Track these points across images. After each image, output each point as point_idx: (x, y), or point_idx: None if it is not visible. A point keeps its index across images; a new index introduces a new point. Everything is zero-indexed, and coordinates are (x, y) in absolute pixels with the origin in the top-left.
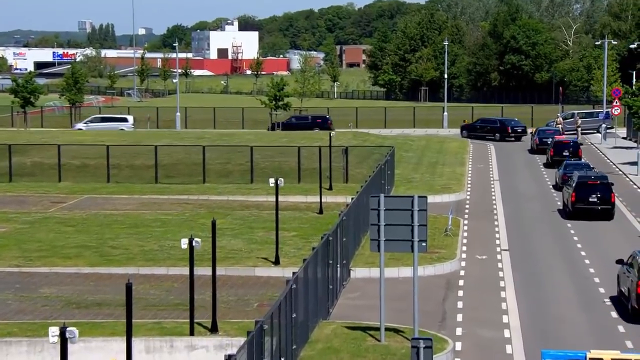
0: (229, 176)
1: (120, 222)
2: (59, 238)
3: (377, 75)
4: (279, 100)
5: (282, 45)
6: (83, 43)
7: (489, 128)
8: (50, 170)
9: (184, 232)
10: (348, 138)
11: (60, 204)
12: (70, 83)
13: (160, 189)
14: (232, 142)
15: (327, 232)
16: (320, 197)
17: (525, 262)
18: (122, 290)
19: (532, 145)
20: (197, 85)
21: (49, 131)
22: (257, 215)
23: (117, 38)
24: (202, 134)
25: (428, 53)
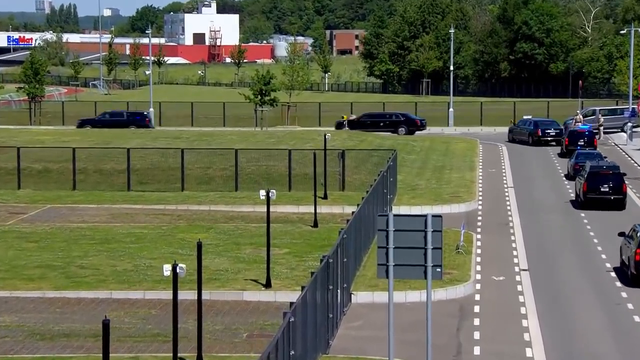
0: (210, 183)
1: (89, 237)
2: (20, 256)
3: (373, 65)
4: (265, 95)
5: (265, 29)
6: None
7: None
8: (7, 176)
9: (162, 248)
10: (342, 139)
11: (19, 215)
12: (30, 74)
13: (133, 197)
14: (213, 142)
15: (327, 253)
16: (315, 208)
17: (548, 283)
18: (94, 318)
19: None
20: (170, 75)
21: (5, 129)
22: (244, 229)
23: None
24: (179, 134)
25: (430, 40)
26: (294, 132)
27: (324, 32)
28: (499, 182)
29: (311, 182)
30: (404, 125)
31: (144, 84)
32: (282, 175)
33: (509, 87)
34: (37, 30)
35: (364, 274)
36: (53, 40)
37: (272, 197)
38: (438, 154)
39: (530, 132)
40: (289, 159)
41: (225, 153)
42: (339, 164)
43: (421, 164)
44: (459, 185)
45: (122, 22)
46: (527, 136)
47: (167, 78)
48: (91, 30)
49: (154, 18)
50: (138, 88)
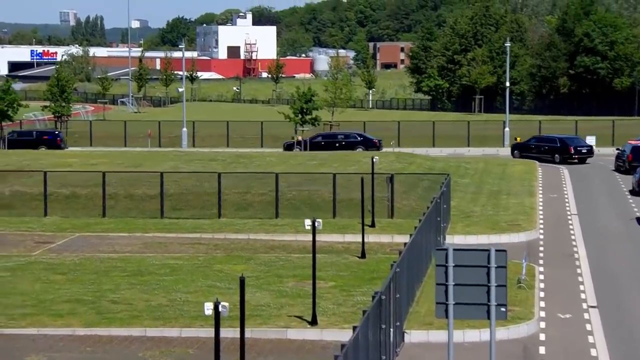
0: (248, 209)
1: (121, 269)
2: (48, 290)
3: (420, 80)
4: (306, 114)
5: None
6: (66, 39)
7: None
8: (33, 202)
9: (199, 281)
10: (390, 161)
11: (46, 245)
12: (55, 92)
13: (167, 225)
14: (250, 165)
15: (378, 289)
16: (363, 237)
17: (620, 321)
18: (127, 358)
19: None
20: (203, 91)
21: (30, 152)
22: (286, 260)
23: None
24: (215, 155)
25: (483, 54)
26: (337, 153)
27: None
28: (561, 208)
29: (357, 209)
30: (361, 146)
31: (176, 101)
32: (326, 201)
33: (569, 104)
34: (62, 43)
35: (417, 311)
36: (79, 54)
37: (318, 227)
38: (493, 178)
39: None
40: (333, 183)
41: (265, 177)
42: (388, 189)
43: (475, 188)
44: (517, 212)
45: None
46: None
47: (200, 94)
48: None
49: (186, 30)
50: (169, 105)
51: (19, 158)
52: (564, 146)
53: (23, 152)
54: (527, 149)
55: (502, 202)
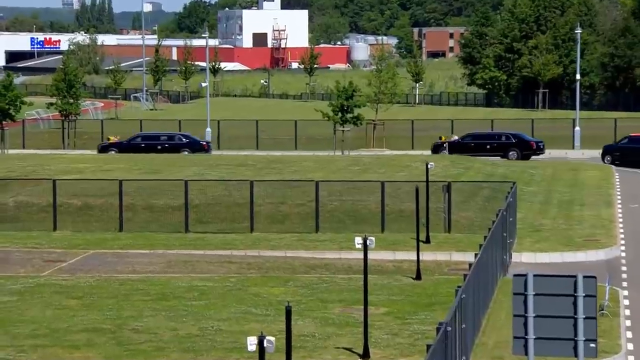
0: (284, 222)
1: (143, 292)
2: (61, 317)
3: (474, 71)
4: (347, 112)
5: (340, 27)
6: (71, 25)
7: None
8: (40, 214)
9: (232, 306)
10: (444, 166)
11: (57, 264)
12: (62, 87)
13: (193, 240)
14: (285, 171)
15: (444, 319)
16: (418, 255)
17: None
18: None
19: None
20: (227, 85)
21: (34, 155)
22: (330, 281)
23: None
24: (244, 160)
25: (546, 41)
26: (383, 157)
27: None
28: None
29: (408, 222)
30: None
31: (196, 96)
32: (372, 213)
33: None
34: (66, 30)
35: (484, 342)
36: (85, 42)
37: (370, 245)
38: (564, 185)
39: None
40: (381, 192)
41: (303, 185)
42: (444, 199)
43: (544, 197)
44: (594, 225)
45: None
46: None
47: (224, 88)
48: (129, 30)
49: (205, 15)
50: (189, 102)
51: (23, 163)
52: (523, 141)
53: (26, 156)
54: (464, 148)
55: (575, 213)
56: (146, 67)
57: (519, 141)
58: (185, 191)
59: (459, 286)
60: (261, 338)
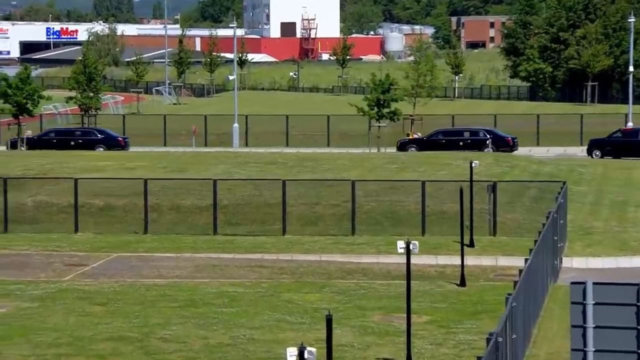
0: (318, 224)
1: (170, 298)
2: (84, 324)
3: (518, 63)
4: (384, 107)
5: (373, 16)
6: (88, 14)
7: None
8: (61, 215)
9: (264, 314)
10: (487, 164)
11: (79, 268)
12: (82, 80)
13: (222, 243)
14: (317, 169)
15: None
16: (462, 260)
17: None
18: None
19: None
20: (254, 77)
21: (54, 153)
22: (368, 287)
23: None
24: (274, 157)
25: (596, 31)
26: (422, 154)
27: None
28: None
29: (450, 224)
30: (102, 145)
31: (221, 89)
32: (412, 214)
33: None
34: (83, 19)
35: (535, 354)
36: (104, 33)
37: (413, 250)
38: (616, 185)
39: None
40: (422, 192)
41: (337, 184)
42: (489, 200)
43: (594, 198)
44: None
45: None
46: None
47: (250, 81)
48: (150, 20)
49: (230, 3)
50: (214, 95)
51: (41, 161)
52: (498, 138)
53: (46, 153)
54: (434, 144)
55: (629, 215)
56: (169, 59)
57: (495, 137)
58: (213, 191)
59: (509, 294)
60: (302, 349)
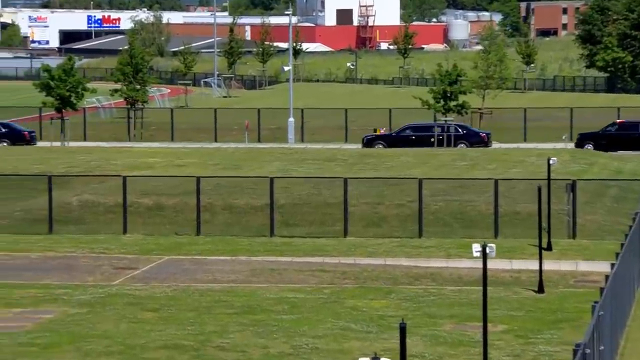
0: (382, 225)
1: (226, 304)
2: (136, 331)
3: (594, 52)
4: (451, 99)
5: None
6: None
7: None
8: (108, 215)
9: (327, 321)
10: (564, 161)
11: (129, 272)
12: (128, 72)
13: (279, 245)
14: (380, 167)
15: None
16: (540, 265)
17: None
18: None
19: None
20: (308, 67)
21: (98, 148)
22: (437, 294)
23: None
24: (333, 154)
25: None
26: (492, 150)
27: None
28: None
29: (524, 226)
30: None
31: (273, 81)
32: (483, 215)
33: None
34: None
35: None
36: (149, 21)
37: (490, 254)
38: None
39: None
40: (494, 192)
41: (402, 182)
42: (567, 200)
43: None
44: None
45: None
46: None
47: (304, 72)
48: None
49: None
50: (267, 87)
51: (86, 157)
52: (472, 133)
53: (89, 149)
54: (403, 141)
55: None
56: (218, 49)
57: (468, 133)
58: (270, 189)
59: (595, 302)
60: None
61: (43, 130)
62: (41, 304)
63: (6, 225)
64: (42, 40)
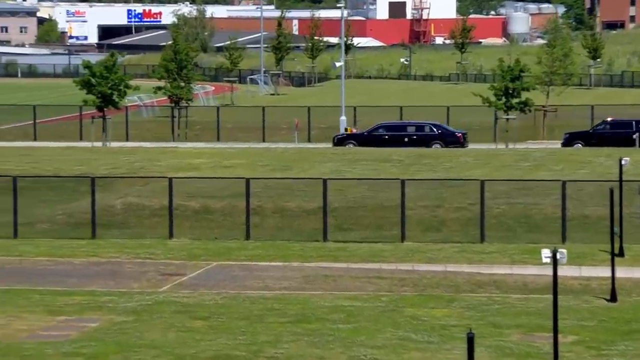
0: (441, 229)
1: (279, 312)
2: (186, 341)
3: None
4: (513, 96)
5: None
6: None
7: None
8: (153, 218)
9: (386, 331)
10: (635, 161)
11: (176, 278)
12: (172, 68)
13: (333, 251)
14: (438, 167)
15: None
16: (613, 272)
17: None
18: None
19: None
20: (359, 63)
21: (140, 148)
22: (502, 302)
23: None
24: (387, 154)
25: None
26: (558, 151)
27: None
28: None
29: (594, 230)
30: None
31: (323, 77)
32: (549, 219)
33: None
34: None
35: None
36: (192, 15)
37: (561, 260)
38: None
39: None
40: (562, 194)
41: (461, 184)
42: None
43: None
44: None
45: None
46: None
47: (356, 68)
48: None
49: None
50: (316, 84)
51: (129, 158)
52: (447, 133)
53: (132, 149)
54: (376, 140)
55: None
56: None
57: (443, 133)
58: (323, 192)
59: None
60: None
61: (83, 129)
62: (86, 311)
63: (48, 230)
64: (80, 36)
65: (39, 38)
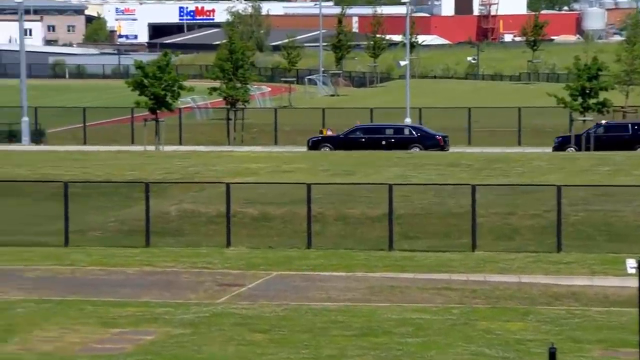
0: (514, 237)
1: (343, 325)
2: (246, 355)
3: None
4: (590, 97)
5: None
6: None
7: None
8: (210, 226)
9: (458, 346)
10: None
11: (235, 288)
12: (228, 68)
13: (399, 260)
14: (510, 172)
15: None
16: None
17: None
18: None
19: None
20: (424, 62)
21: (195, 152)
22: (582, 316)
23: None
24: (456, 158)
25: None
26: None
27: None
28: None
29: None
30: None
31: (385, 77)
32: (630, 227)
33: None
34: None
35: None
36: (247, 12)
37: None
38: None
39: None
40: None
41: (536, 190)
42: None
43: None
44: None
45: None
46: None
47: (420, 67)
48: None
49: None
50: (378, 85)
51: (184, 163)
52: (427, 136)
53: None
54: (352, 144)
55: None
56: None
57: (423, 135)
58: (389, 198)
59: None
60: None
61: (135, 132)
62: (141, 323)
63: (100, 238)
64: (130, 35)
65: (87, 37)
